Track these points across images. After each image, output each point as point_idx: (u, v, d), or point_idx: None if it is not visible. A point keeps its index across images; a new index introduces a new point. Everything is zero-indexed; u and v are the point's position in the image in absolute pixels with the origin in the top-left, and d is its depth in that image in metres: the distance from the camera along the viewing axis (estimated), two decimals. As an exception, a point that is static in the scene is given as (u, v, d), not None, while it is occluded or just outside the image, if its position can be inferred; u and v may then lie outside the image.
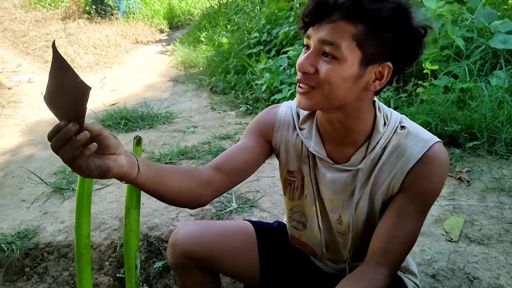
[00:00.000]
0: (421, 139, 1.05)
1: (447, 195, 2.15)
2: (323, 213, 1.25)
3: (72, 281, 2.07)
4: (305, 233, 1.33)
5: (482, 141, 2.45)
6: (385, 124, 1.09)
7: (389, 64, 0.97)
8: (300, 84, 1.00)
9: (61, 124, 0.78)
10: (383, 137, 1.08)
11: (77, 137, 0.78)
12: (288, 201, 1.32)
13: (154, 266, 2.07)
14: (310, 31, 0.97)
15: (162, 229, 2.12)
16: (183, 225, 1.40)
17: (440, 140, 1.06)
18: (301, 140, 1.20)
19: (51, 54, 0.70)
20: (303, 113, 1.20)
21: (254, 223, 1.50)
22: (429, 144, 1.03)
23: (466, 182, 2.23)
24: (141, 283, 1.18)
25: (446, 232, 1.88)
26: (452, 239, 1.83)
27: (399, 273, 1.27)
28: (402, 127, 1.09)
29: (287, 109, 1.24)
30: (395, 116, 1.11)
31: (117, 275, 2.07)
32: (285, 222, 1.54)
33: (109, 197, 2.36)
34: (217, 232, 1.36)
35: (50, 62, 0.70)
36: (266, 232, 1.49)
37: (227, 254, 1.40)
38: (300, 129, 1.20)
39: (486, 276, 1.58)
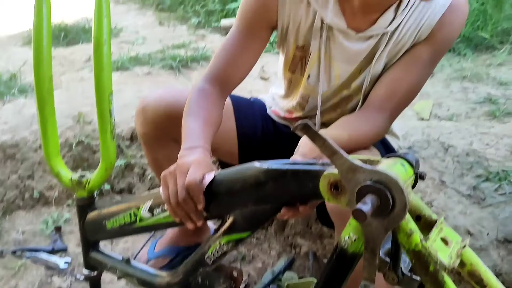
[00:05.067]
0: None
1: (413, 84, 2.16)
2: (329, 89, 1.17)
3: (22, 184, 1.89)
4: (302, 113, 1.26)
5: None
6: None
7: None
8: None
9: None
10: None
11: None
12: (298, 76, 1.21)
13: (116, 164, 1.92)
14: None
15: (121, 127, 1.97)
16: (152, 91, 1.27)
17: None
18: (313, 10, 1.06)
19: None
20: None
21: (231, 95, 1.39)
22: None
23: (429, 74, 2.25)
24: (115, 134, 1.06)
25: (417, 113, 1.89)
26: (423, 118, 1.85)
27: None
28: None
29: None
30: None
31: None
32: (261, 99, 1.46)
33: (58, 100, 2.14)
34: None
35: None
36: (243, 104, 1.41)
37: (205, 122, 1.29)
38: None
39: (461, 143, 1.61)
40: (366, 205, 0.55)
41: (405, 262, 0.69)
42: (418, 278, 0.67)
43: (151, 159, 1.35)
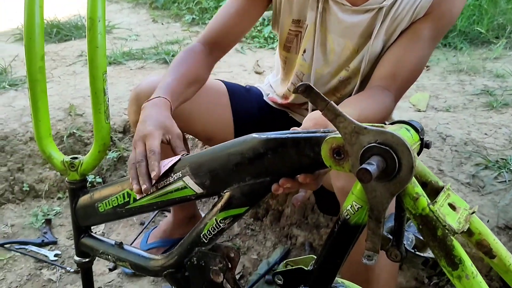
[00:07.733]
0: None
1: (409, 77, 2.15)
2: (324, 66, 1.15)
3: (11, 177, 1.84)
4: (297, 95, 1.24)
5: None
6: None
7: None
8: None
9: None
10: None
11: None
12: (293, 55, 1.19)
13: (107, 157, 1.89)
14: None
15: (114, 119, 1.93)
16: (145, 78, 1.24)
17: None
18: None
19: None
20: None
21: (225, 82, 1.37)
22: None
23: (426, 67, 2.23)
24: (109, 114, 1.02)
25: (413, 105, 1.87)
26: (420, 109, 1.83)
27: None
28: None
29: None
30: None
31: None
32: (257, 87, 1.43)
33: (49, 92, 2.10)
34: None
35: None
36: (238, 91, 1.38)
37: (200, 110, 1.26)
38: None
39: (458, 133, 1.59)
40: (371, 165, 0.52)
41: (408, 239, 0.66)
42: (422, 255, 0.64)
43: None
